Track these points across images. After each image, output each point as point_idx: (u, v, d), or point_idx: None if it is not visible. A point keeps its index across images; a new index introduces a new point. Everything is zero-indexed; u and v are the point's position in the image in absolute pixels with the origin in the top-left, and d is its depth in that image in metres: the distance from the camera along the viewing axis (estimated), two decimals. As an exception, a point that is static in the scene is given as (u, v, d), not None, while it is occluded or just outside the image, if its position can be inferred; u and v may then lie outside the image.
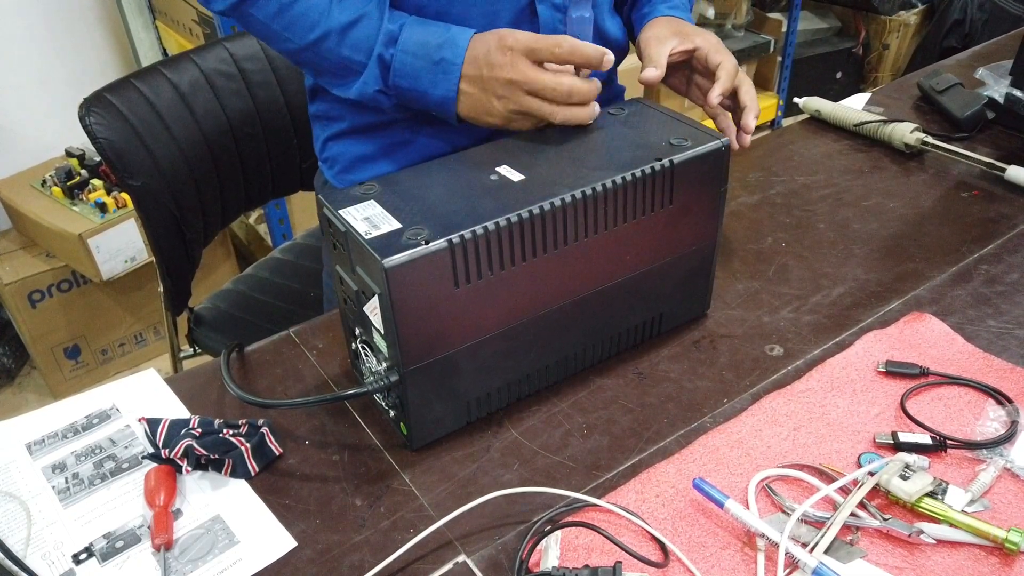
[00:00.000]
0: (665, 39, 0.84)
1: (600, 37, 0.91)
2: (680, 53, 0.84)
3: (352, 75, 0.80)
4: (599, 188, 0.64)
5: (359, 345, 0.69)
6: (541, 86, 0.74)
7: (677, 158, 0.68)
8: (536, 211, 0.62)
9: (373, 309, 0.62)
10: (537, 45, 0.74)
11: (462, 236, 0.59)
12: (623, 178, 0.65)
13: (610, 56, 0.74)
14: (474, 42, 0.76)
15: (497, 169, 0.67)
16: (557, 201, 0.63)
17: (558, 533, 0.60)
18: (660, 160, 0.67)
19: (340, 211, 0.63)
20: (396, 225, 0.61)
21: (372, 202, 0.64)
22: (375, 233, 0.60)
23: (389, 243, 0.58)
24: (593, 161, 0.68)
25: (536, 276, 0.65)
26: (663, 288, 0.75)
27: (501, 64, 0.74)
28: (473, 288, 0.62)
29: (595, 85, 0.74)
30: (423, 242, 0.58)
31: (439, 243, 0.59)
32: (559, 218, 0.63)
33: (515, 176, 0.66)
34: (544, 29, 0.84)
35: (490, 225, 0.60)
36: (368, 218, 0.62)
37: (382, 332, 0.62)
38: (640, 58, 0.85)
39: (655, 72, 0.81)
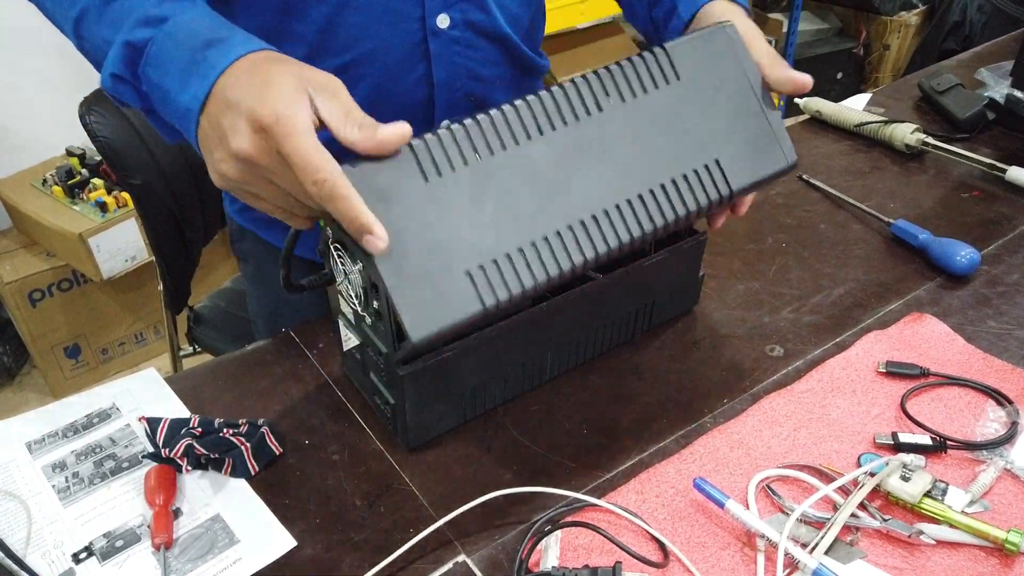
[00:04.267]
0: (757, 31, 0.70)
1: (521, 62, 0.89)
2: None
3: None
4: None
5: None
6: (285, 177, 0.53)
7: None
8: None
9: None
10: (299, 149, 0.51)
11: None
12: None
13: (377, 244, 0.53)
14: (249, 61, 0.54)
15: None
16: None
17: (558, 533, 0.60)
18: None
19: None
20: None
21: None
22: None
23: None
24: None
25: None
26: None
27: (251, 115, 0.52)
28: None
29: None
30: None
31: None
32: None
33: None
34: (437, 61, 0.80)
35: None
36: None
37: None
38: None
39: (806, 77, 0.67)
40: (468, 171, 0.57)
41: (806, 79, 0.67)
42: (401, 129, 0.54)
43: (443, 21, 0.79)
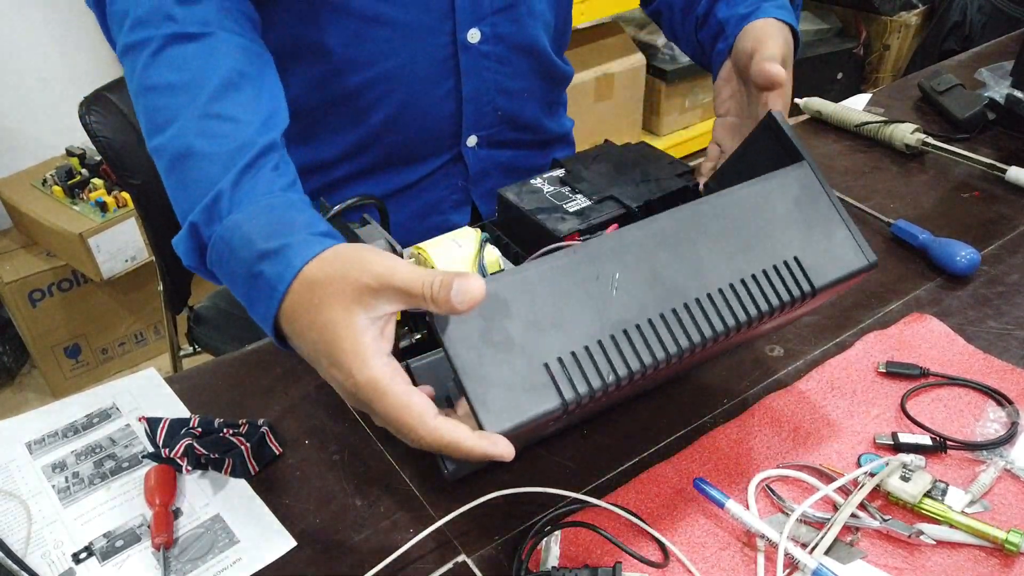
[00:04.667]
0: (773, 38, 0.71)
1: (548, 72, 0.89)
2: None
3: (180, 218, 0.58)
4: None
5: None
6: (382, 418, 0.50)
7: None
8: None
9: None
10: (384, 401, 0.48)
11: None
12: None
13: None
14: (304, 292, 0.50)
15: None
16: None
17: (558, 533, 0.60)
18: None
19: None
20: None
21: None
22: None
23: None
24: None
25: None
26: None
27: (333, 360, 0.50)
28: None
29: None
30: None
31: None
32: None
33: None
34: (466, 76, 0.80)
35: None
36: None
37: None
38: (745, 59, 0.72)
39: (779, 70, 0.66)
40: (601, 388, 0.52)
41: (775, 74, 0.65)
42: (477, 287, 0.47)
43: (474, 36, 0.78)
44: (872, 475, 0.62)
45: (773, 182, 0.62)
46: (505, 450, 0.48)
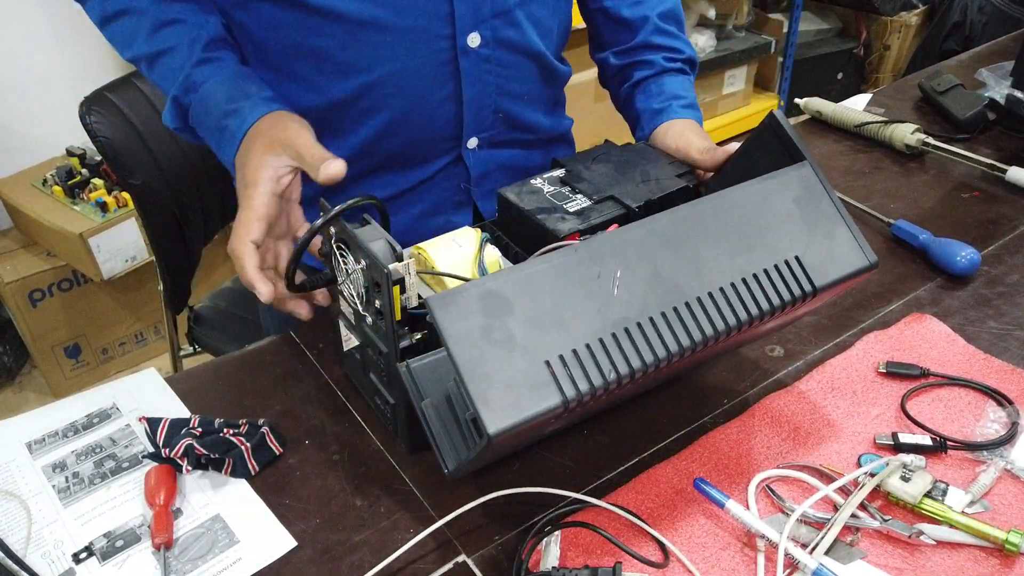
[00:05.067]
0: (698, 134, 0.81)
1: (548, 73, 0.90)
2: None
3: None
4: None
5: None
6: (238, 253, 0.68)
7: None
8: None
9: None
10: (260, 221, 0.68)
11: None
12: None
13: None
14: (250, 136, 0.71)
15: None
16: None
17: (558, 533, 0.60)
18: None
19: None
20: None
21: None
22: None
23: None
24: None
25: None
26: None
27: (247, 181, 0.69)
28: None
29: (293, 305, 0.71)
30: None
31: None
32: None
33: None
34: (467, 80, 0.81)
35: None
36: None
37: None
38: (677, 153, 0.80)
39: (722, 151, 0.76)
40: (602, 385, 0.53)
41: (723, 156, 0.76)
42: (335, 167, 0.66)
43: (474, 40, 0.79)
44: (872, 475, 0.62)
45: (774, 182, 0.62)
46: (262, 289, 0.67)
